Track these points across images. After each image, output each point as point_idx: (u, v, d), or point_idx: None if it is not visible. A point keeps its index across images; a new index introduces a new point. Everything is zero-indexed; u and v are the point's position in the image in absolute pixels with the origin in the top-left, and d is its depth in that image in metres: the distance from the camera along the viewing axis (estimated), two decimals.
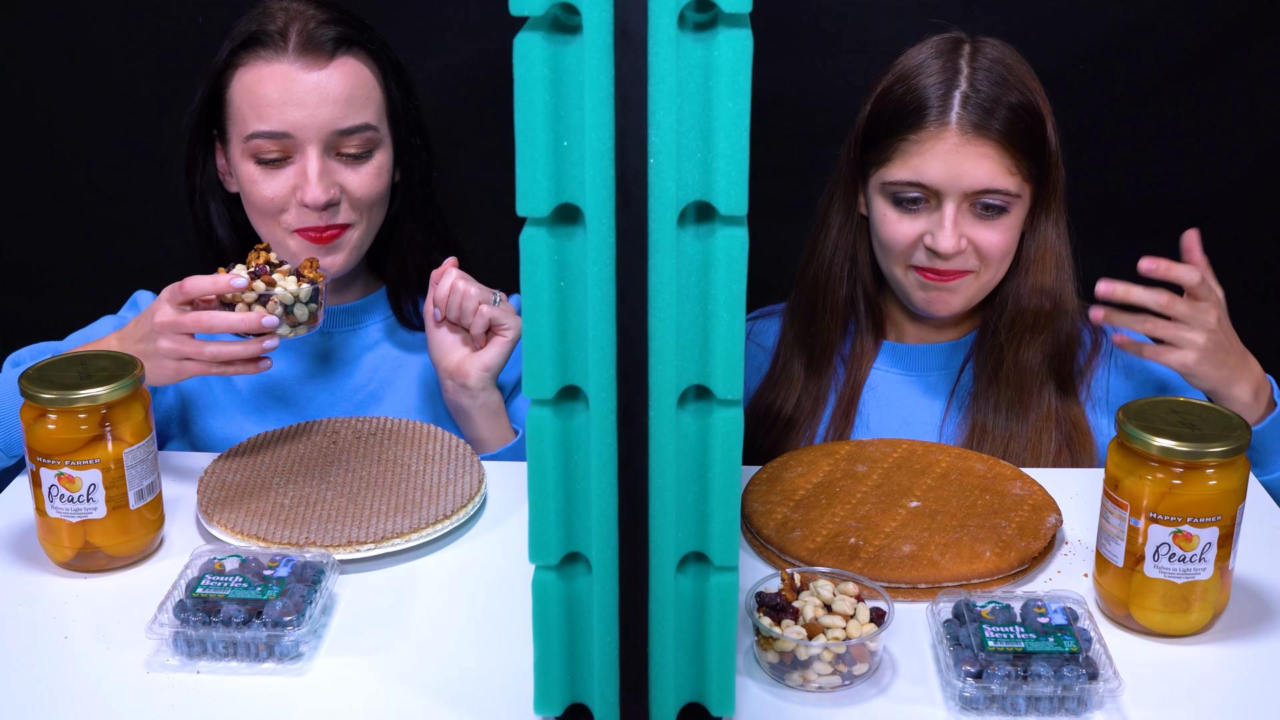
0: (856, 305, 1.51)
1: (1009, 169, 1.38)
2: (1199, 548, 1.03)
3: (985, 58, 1.40)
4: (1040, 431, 1.44)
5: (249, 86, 1.39)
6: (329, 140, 1.40)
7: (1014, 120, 1.37)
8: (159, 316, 1.22)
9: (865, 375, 1.51)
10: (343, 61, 1.40)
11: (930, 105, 1.37)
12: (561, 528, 0.87)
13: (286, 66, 1.38)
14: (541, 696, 0.91)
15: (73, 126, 1.83)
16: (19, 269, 1.90)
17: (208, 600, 1.03)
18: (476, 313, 1.39)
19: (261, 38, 1.39)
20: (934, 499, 1.22)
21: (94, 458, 1.11)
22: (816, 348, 1.51)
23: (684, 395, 0.84)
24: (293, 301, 1.24)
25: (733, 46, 0.78)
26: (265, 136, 1.39)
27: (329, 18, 1.42)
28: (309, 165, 1.39)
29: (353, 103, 1.40)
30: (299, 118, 1.38)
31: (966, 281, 1.42)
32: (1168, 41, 1.75)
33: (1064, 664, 0.96)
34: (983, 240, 1.40)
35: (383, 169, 1.45)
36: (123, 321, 1.47)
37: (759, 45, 0.79)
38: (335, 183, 1.41)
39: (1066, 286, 1.46)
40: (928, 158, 1.37)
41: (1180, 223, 1.82)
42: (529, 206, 0.81)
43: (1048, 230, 1.45)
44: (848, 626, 1.00)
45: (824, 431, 1.50)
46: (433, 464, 1.29)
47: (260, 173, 1.41)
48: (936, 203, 1.39)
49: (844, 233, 1.48)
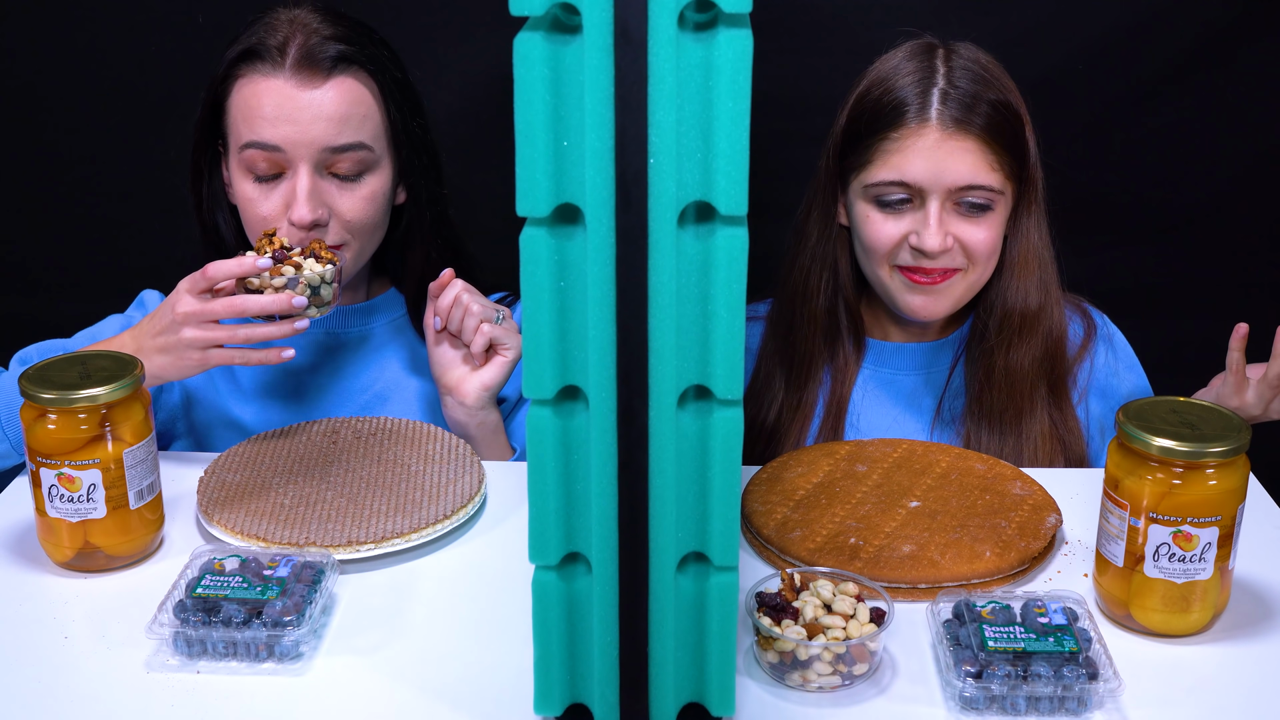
0: (837, 315, 1.49)
1: (991, 164, 1.37)
2: (1199, 548, 1.03)
3: (961, 58, 1.40)
4: (1037, 441, 1.44)
5: (245, 99, 1.39)
6: (320, 158, 1.38)
7: (994, 116, 1.37)
8: (181, 307, 1.22)
9: (852, 384, 1.51)
10: (340, 80, 1.38)
11: (909, 103, 1.37)
12: (561, 528, 0.87)
13: (282, 82, 1.37)
14: (541, 696, 0.91)
15: (73, 126, 1.83)
16: (19, 269, 1.90)
17: (208, 600, 1.03)
18: (478, 330, 1.38)
19: (261, 51, 1.38)
20: (934, 499, 1.22)
21: (94, 458, 1.11)
22: (796, 358, 1.51)
23: (684, 395, 0.84)
24: (319, 282, 1.27)
25: (733, 46, 0.78)
26: (257, 148, 1.38)
27: (332, 33, 1.40)
28: (299, 183, 1.38)
29: (347, 121, 1.39)
30: (290, 133, 1.37)
31: (954, 282, 1.42)
32: (1167, 41, 1.75)
33: (1064, 664, 0.96)
34: (969, 237, 1.39)
35: (376, 193, 1.43)
36: (130, 320, 1.47)
37: (759, 45, 0.79)
38: (324, 204, 1.40)
39: (1052, 286, 1.46)
40: (909, 155, 1.37)
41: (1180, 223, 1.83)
42: (529, 206, 0.81)
43: (1030, 231, 1.44)
44: (848, 626, 1.00)
45: (813, 440, 1.50)
46: (433, 464, 1.29)
47: (255, 190, 1.40)
48: (920, 202, 1.39)
49: (823, 243, 1.48)
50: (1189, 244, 1.83)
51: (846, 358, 1.50)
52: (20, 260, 1.90)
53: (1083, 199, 1.81)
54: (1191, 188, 1.81)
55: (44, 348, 1.40)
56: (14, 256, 1.89)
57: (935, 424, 1.49)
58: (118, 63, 1.79)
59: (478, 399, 1.42)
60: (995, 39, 1.71)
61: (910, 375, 1.51)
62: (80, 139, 1.83)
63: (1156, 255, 1.84)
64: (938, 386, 1.50)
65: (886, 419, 1.50)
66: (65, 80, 1.80)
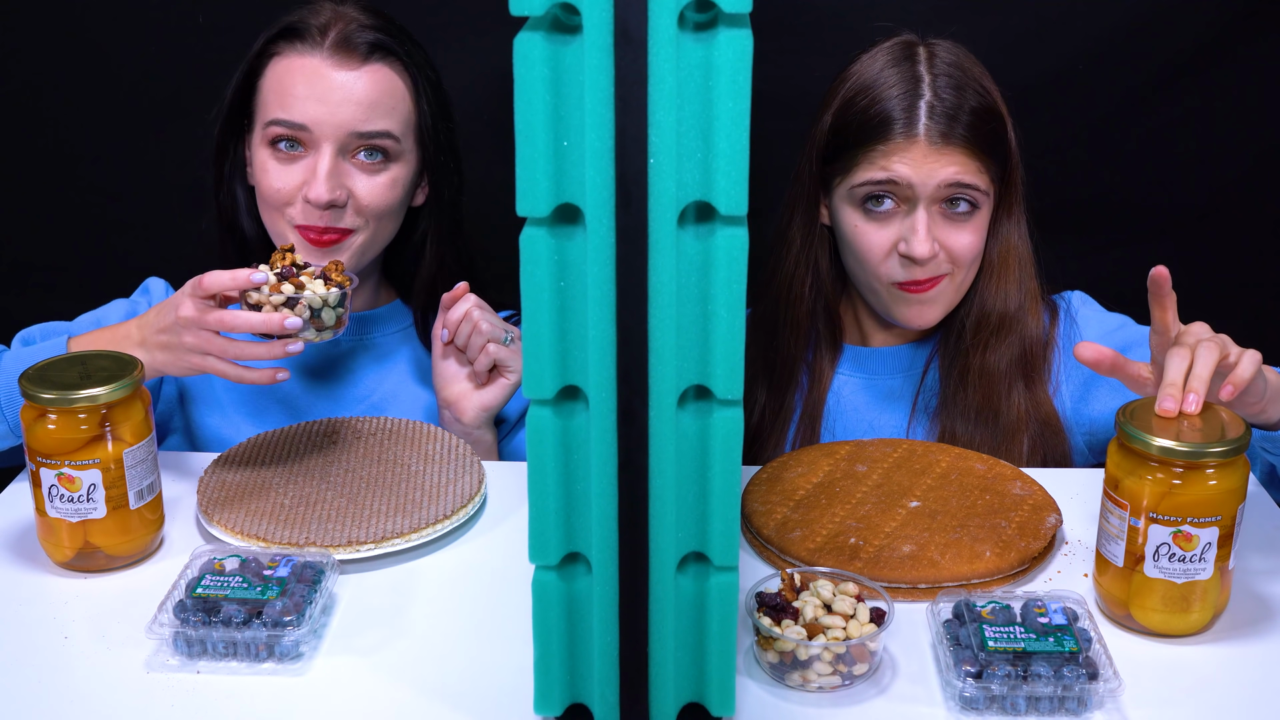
0: (816, 317, 1.50)
1: (977, 169, 1.38)
2: (1199, 548, 1.03)
3: (942, 62, 1.40)
4: (1011, 435, 1.44)
5: (279, 76, 1.40)
6: (345, 141, 1.39)
7: (976, 124, 1.38)
8: (182, 310, 1.21)
9: (828, 385, 1.51)
10: (375, 67, 1.40)
11: (896, 118, 1.37)
12: (561, 528, 0.87)
13: (318, 62, 1.38)
14: (541, 696, 0.91)
15: (73, 126, 1.83)
16: (19, 269, 1.90)
17: (208, 600, 1.03)
18: (483, 350, 1.38)
19: (301, 30, 1.40)
20: (934, 499, 1.22)
21: (94, 458, 1.11)
22: (779, 362, 1.51)
23: (684, 395, 0.84)
24: (321, 305, 1.23)
25: (733, 46, 0.78)
26: (283, 124, 1.39)
27: (372, 23, 1.42)
28: (320, 162, 1.38)
29: (376, 108, 1.39)
30: (319, 113, 1.38)
31: (943, 287, 1.43)
32: (1167, 41, 1.75)
33: (1064, 664, 0.96)
34: (953, 243, 1.40)
35: (397, 182, 1.44)
36: (134, 305, 1.47)
37: (759, 45, 0.79)
38: (344, 185, 1.40)
39: (1030, 284, 1.46)
40: (896, 164, 1.37)
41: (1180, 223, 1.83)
42: (529, 206, 0.81)
43: (1010, 232, 1.45)
44: (848, 626, 1.00)
45: (790, 442, 1.50)
46: (433, 464, 1.29)
47: (273, 163, 1.40)
48: (908, 208, 1.39)
49: (806, 247, 1.48)
50: (1189, 244, 1.83)
51: (822, 362, 1.51)
52: (20, 260, 1.90)
53: (1082, 199, 1.81)
54: (1191, 188, 1.81)
55: (47, 329, 1.40)
56: (14, 256, 1.89)
57: (911, 423, 1.49)
58: (118, 62, 1.79)
59: (475, 418, 1.42)
60: (995, 39, 1.71)
61: (886, 378, 1.52)
62: (79, 139, 1.83)
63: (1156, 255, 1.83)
64: (913, 386, 1.51)
65: (862, 424, 1.50)
66: (65, 80, 1.80)
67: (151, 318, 1.25)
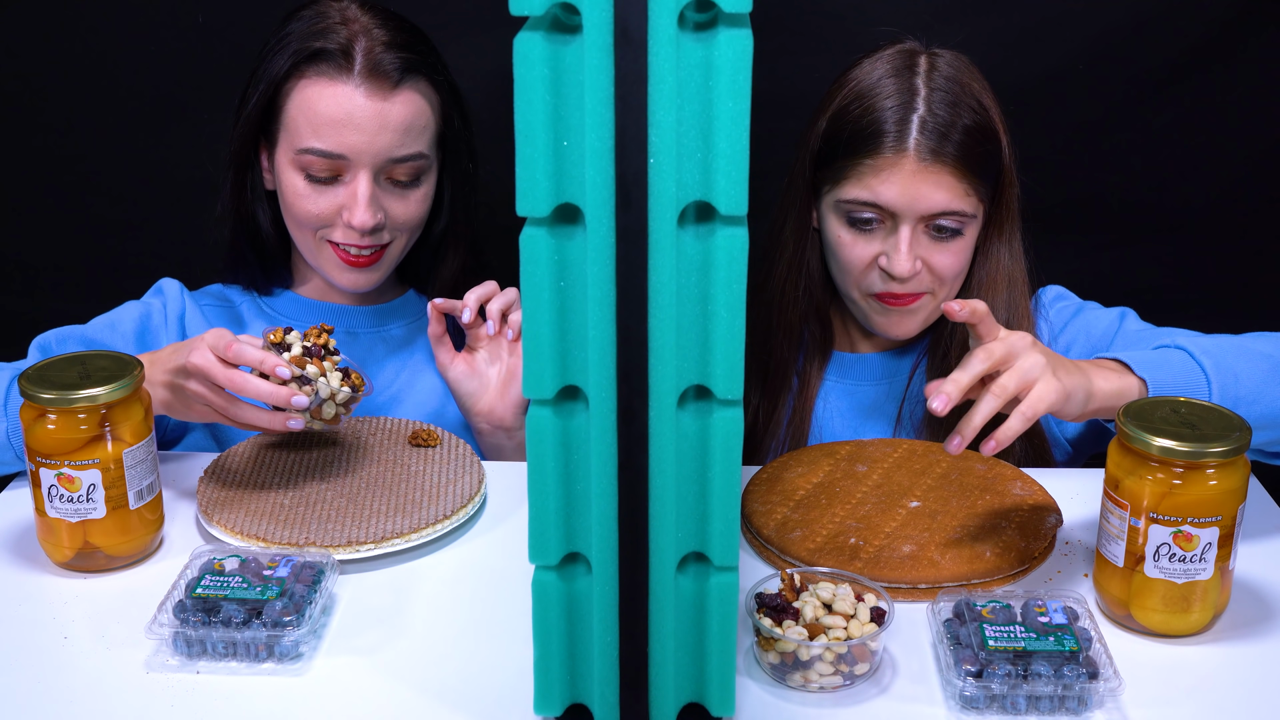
0: (808, 321, 1.50)
1: (965, 191, 1.37)
2: (1199, 548, 1.03)
3: (941, 75, 1.38)
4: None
5: (309, 101, 1.38)
6: (381, 166, 1.39)
7: (968, 144, 1.36)
8: (195, 358, 1.17)
9: (816, 389, 1.51)
10: (407, 94, 1.39)
11: (887, 131, 1.36)
12: (561, 528, 0.87)
13: (351, 90, 1.37)
14: (541, 696, 0.91)
15: (73, 126, 1.83)
16: (19, 269, 1.90)
17: (207, 600, 1.03)
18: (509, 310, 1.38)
19: (326, 54, 1.37)
20: (934, 499, 1.22)
21: (94, 458, 1.11)
22: (771, 366, 1.51)
23: (684, 395, 0.84)
24: (327, 398, 1.21)
25: (733, 46, 0.78)
26: (319, 154, 1.38)
27: (392, 39, 1.40)
28: (359, 189, 1.38)
29: (410, 132, 1.39)
30: (357, 142, 1.37)
31: (924, 302, 1.42)
32: (1168, 41, 1.75)
33: (1064, 663, 0.96)
34: (937, 262, 1.39)
35: (428, 195, 1.45)
36: (146, 306, 1.46)
37: (759, 45, 0.79)
38: (382, 207, 1.40)
39: (1020, 305, 1.44)
40: (884, 180, 1.36)
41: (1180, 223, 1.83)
42: (529, 206, 0.81)
43: (1000, 252, 1.44)
44: (848, 626, 1.00)
45: (781, 445, 1.50)
46: (433, 464, 1.29)
47: (307, 188, 1.40)
48: (892, 225, 1.38)
49: (799, 251, 1.48)
50: (1189, 244, 1.83)
51: (812, 362, 1.51)
52: (20, 260, 1.90)
53: (1081, 199, 1.81)
54: (1191, 188, 1.81)
55: (62, 334, 1.40)
56: (14, 256, 1.89)
57: (896, 432, 1.49)
58: (117, 62, 1.79)
59: (516, 418, 1.42)
60: (995, 39, 1.72)
61: (872, 386, 1.52)
62: (79, 139, 1.83)
63: (1156, 255, 1.84)
64: (898, 395, 1.51)
65: (848, 431, 1.50)
66: (65, 80, 1.80)
67: (166, 355, 1.23)
